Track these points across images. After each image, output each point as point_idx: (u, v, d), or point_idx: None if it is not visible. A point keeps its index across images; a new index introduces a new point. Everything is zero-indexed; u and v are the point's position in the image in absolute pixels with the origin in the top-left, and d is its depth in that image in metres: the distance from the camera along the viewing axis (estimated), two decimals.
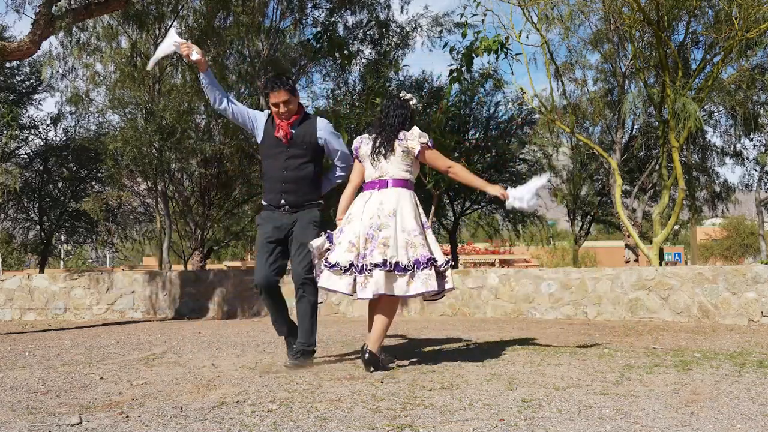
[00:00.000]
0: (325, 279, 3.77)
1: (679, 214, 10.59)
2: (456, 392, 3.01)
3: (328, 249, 3.83)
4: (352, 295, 3.70)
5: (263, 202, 4.16)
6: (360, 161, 4.02)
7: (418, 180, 11.21)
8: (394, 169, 3.84)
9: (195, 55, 4.03)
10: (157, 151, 10.51)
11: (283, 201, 4.02)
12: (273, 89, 3.98)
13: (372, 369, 3.60)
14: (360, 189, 4.02)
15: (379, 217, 3.71)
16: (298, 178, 4.01)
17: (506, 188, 3.96)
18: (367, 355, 3.62)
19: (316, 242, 3.83)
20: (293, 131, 4.02)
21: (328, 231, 3.92)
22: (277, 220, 4.02)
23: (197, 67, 4.19)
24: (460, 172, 3.99)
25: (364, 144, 4.00)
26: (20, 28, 70.78)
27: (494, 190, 3.91)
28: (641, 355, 4.23)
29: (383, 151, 3.87)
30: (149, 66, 4.67)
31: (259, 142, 4.25)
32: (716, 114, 14.01)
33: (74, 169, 14.31)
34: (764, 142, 14.69)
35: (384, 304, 3.71)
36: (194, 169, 12.18)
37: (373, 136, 3.95)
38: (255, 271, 4.03)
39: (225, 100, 4.14)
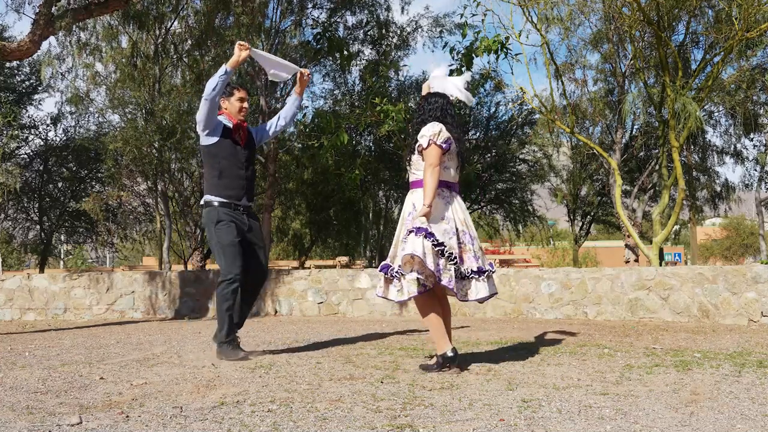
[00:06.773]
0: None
1: (679, 214, 10.58)
2: (456, 392, 3.01)
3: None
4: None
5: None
6: (447, 158, 3.67)
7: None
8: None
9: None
10: (157, 151, 10.52)
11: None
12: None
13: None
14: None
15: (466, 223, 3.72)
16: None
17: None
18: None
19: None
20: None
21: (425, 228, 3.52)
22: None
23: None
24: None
25: (452, 140, 3.68)
26: (20, 28, 70.86)
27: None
28: (641, 355, 4.23)
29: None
30: (271, 77, 4.88)
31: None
32: (716, 114, 14.00)
33: (74, 169, 14.32)
34: (764, 141, 14.69)
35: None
36: (194, 169, 12.17)
37: (454, 136, 3.68)
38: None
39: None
